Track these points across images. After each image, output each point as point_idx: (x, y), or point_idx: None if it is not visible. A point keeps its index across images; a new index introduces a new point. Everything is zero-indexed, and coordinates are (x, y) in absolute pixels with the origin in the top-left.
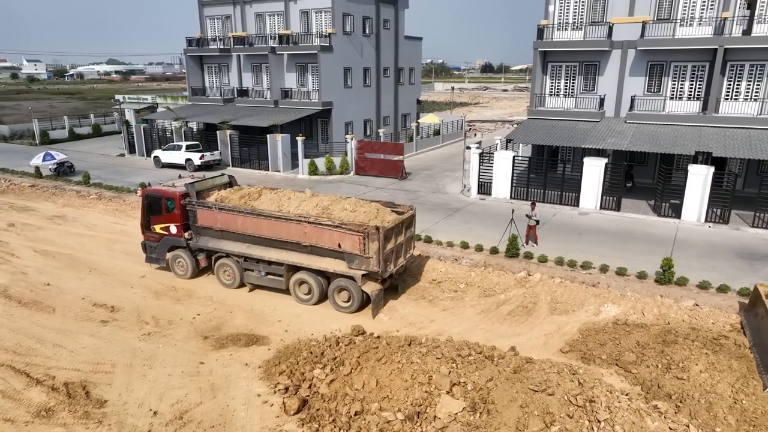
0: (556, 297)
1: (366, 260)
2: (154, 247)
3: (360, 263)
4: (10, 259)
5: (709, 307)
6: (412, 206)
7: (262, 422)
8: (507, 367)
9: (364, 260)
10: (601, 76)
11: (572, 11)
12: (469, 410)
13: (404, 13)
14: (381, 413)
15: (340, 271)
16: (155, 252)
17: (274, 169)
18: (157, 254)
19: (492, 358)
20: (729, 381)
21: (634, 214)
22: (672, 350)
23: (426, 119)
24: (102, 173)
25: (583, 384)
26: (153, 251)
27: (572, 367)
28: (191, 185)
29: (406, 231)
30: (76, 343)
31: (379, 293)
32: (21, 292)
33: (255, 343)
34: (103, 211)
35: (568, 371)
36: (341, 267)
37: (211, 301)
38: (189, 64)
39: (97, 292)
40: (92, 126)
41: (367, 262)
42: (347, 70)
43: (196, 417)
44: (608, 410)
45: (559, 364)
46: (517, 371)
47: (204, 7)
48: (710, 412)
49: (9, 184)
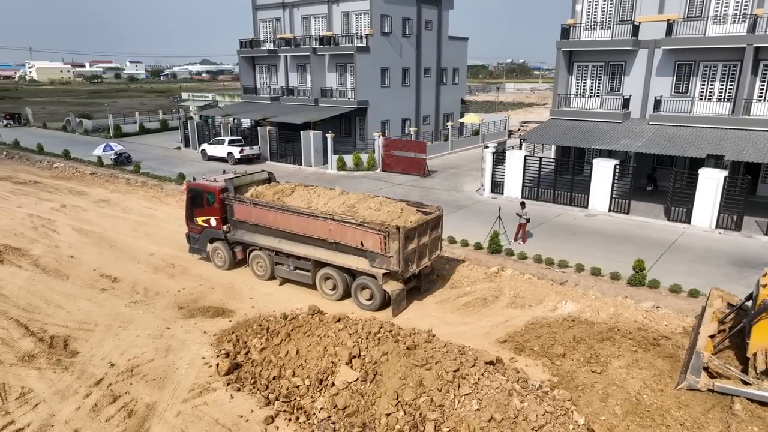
0: (519, 292)
1: (387, 259)
2: (196, 238)
3: (381, 262)
4: (51, 234)
5: (671, 310)
6: (440, 207)
7: (195, 379)
8: (402, 345)
9: (385, 259)
10: (627, 77)
11: (600, 10)
12: (362, 380)
13: (448, 14)
14: (292, 378)
15: (362, 268)
16: (197, 243)
17: (306, 164)
18: (199, 245)
19: (396, 336)
20: (643, 377)
21: (644, 217)
22: (602, 346)
23: (466, 119)
24: (154, 164)
25: (464, 363)
26: (195, 242)
27: (463, 348)
28: (230, 180)
29: (431, 232)
30: (73, 306)
31: (400, 293)
32: (48, 262)
33: (220, 315)
34: (143, 197)
35: (457, 351)
36: (364, 265)
37: (200, 278)
38: (242, 65)
39: (108, 265)
40: (160, 121)
41: (387, 261)
42: (384, 70)
43: (144, 371)
44: (475, 386)
45: (451, 344)
46: (410, 348)
47: (257, 11)
48: (604, 402)
49: (75, 171)
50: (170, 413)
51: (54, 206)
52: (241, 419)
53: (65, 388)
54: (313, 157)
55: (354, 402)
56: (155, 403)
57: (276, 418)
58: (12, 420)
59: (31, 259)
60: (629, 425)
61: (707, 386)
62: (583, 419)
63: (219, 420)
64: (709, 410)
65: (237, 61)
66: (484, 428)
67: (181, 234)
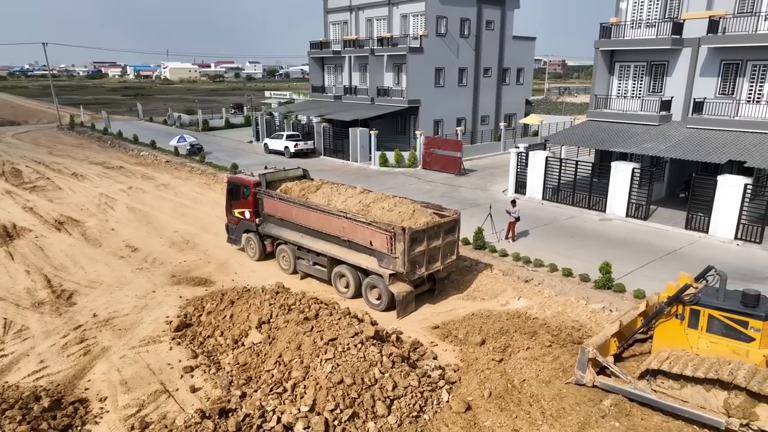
0: (479, 286)
1: (393, 260)
2: (233, 229)
3: (388, 262)
4: (108, 210)
5: (622, 312)
6: (457, 211)
7: (151, 332)
8: (301, 315)
9: (392, 260)
10: (669, 77)
11: (645, 8)
12: (264, 342)
13: (513, 14)
14: (218, 338)
15: (371, 268)
16: (234, 234)
17: (353, 160)
18: (235, 236)
19: (302, 308)
20: (539, 369)
21: (662, 224)
22: (519, 339)
23: (527, 119)
24: (222, 155)
25: (342, 335)
26: (232, 233)
27: (352, 321)
28: (263, 175)
29: (445, 235)
30: (92, 268)
31: (407, 295)
32: (93, 232)
33: (202, 285)
34: (196, 184)
35: (347, 324)
36: (373, 264)
37: (203, 254)
38: (312, 65)
39: (136, 238)
40: (244, 117)
41: (394, 262)
42: (439, 70)
43: (116, 322)
44: (340, 354)
45: (346, 318)
46: (308, 319)
47: (328, 14)
48: (482, 385)
49: (154, 159)
50: (116, 356)
51: (123, 188)
52: (168, 366)
53: (52, 329)
54: (359, 153)
55: (250, 360)
56: (110, 347)
57: (195, 369)
58: (2, 348)
59: (81, 229)
60: (490, 407)
61: (592, 381)
62: (449, 397)
63: (150, 365)
64: (580, 403)
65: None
66: (331, 388)
67: (210, 216)
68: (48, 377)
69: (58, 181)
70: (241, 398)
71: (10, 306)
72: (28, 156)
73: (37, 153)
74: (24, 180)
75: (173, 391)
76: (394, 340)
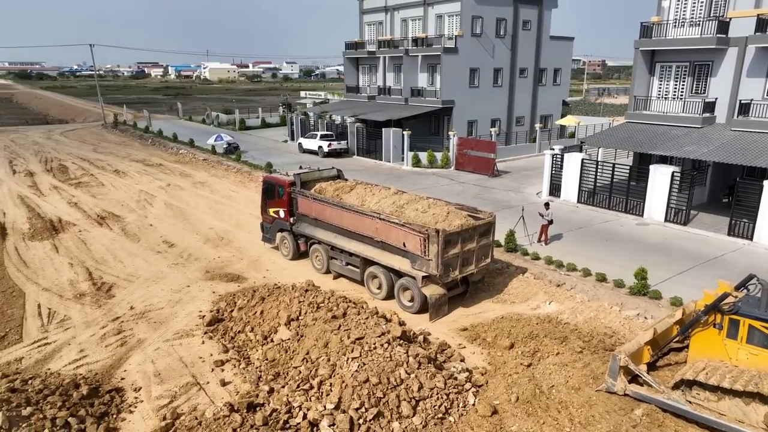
0: (509, 289)
1: (426, 262)
2: (268, 228)
3: (421, 264)
4: (146, 206)
5: (657, 320)
6: (492, 214)
7: (184, 326)
8: (329, 313)
9: (425, 262)
10: (714, 78)
11: (689, 6)
12: (292, 339)
13: (551, 14)
14: (249, 333)
15: (404, 269)
16: (269, 232)
17: (386, 160)
18: (269, 234)
19: (330, 306)
20: (568, 375)
21: (703, 230)
22: (549, 344)
23: (563, 121)
24: (257, 154)
25: (369, 334)
26: (267, 231)
27: (379, 321)
28: (298, 175)
29: (479, 238)
30: (131, 262)
31: (440, 298)
32: (132, 228)
33: (234, 281)
34: (232, 182)
35: (374, 324)
36: (406, 266)
37: (236, 250)
38: (346, 65)
39: (173, 233)
40: (280, 116)
41: (427, 264)
42: (474, 71)
43: (152, 315)
44: (367, 353)
45: (374, 318)
46: (336, 317)
47: (363, 15)
48: (509, 389)
49: (192, 157)
50: (151, 348)
51: (161, 185)
52: (199, 360)
53: (92, 320)
54: (392, 153)
55: (279, 356)
56: (145, 339)
57: (226, 363)
58: (46, 336)
59: (122, 224)
60: (517, 411)
61: (623, 390)
62: (475, 400)
63: (183, 358)
64: (610, 412)
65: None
66: (357, 387)
67: (244, 214)
68: (87, 366)
69: (101, 177)
70: (269, 393)
71: (54, 296)
72: (74, 153)
73: (82, 150)
74: (70, 176)
75: (204, 384)
76: (422, 341)
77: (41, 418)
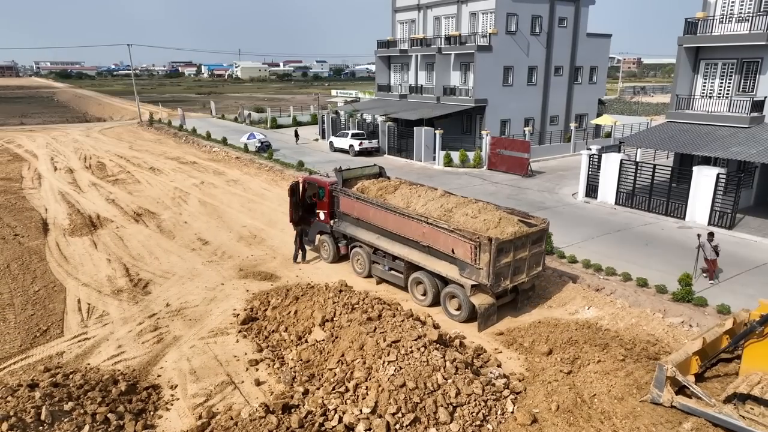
0: (546, 293)
1: (477, 270)
2: (307, 230)
3: (471, 273)
4: (181, 204)
5: (704, 329)
6: (545, 220)
7: (219, 324)
8: (364, 315)
9: (475, 270)
10: (763, 75)
11: (737, 2)
12: (327, 340)
13: (588, 10)
14: (283, 333)
15: (452, 276)
16: (308, 235)
17: (417, 159)
18: (309, 237)
19: (365, 308)
20: (611, 384)
21: (749, 234)
22: (590, 351)
23: (599, 120)
24: (289, 152)
25: (406, 337)
26: (306, 234)
27: (415, 324)
28: (339, 172)
29: (532, 246)
30: (166, 259)
31: (489, 307)
32: (167, 225)
33: (267, 279)
34: (264, 180)
35: (410, 327)
36: (454, 273)
37: (269, 249)
38: (378, 64)
39: (207, 231)
40: (311, 115)
41: (477, 273)
42: (507, 69)
43: (187, 313)
44: (403, 356)
45: (409, 320)
46: (371, 319)
47: (396, 13)
48: (549, 398)
49: (225, 155)
50: (186, 345)
51: (195, 182)
52: (234, 358)
53: (129, 316)
54: (423, 152)
55: (313, 357)
56: (181, 337)
57: (260, 363)
58: (86, 331)
59: (157, 221)
60: (557, 421)
61: (670, 401)
62: (514, 408)
63: (218, 356)
64: (656, 424)
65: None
66: (393, 391)
67: (276, 212)
68: (125, 362)
69: (137, 174)
70: (304, 395)
71: (93, 292)
72: (111, 150)
73: (119, 147)
74: (108, 173)
75: (239, 383)
76: (458, 345)
77: (82, 413)
